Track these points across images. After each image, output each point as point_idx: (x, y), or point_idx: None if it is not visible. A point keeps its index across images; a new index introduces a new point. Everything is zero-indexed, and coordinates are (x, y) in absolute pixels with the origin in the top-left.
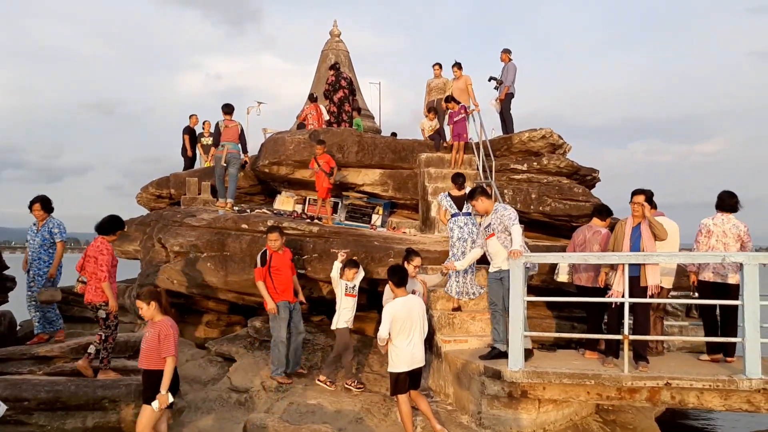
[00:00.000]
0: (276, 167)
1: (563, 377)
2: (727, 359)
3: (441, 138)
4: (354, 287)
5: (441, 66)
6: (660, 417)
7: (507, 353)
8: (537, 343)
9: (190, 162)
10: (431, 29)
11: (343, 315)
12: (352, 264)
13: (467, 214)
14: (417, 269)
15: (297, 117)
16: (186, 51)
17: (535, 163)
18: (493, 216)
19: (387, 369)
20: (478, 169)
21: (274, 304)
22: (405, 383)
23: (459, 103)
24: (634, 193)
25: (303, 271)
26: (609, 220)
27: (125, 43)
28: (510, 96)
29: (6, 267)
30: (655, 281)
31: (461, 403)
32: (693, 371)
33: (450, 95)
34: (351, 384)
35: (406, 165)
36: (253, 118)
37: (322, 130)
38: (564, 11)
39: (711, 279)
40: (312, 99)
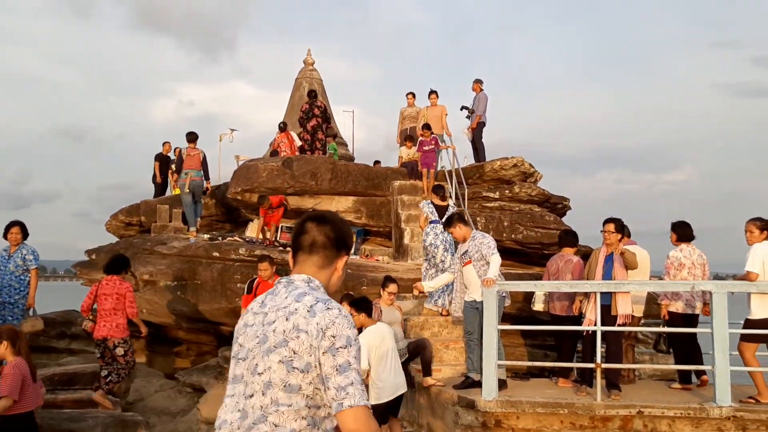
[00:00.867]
0: (248, 194)
1: (537, 406)
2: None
3: (413, 166)
4: None
5: (414, 95)
6: None
7: (481, 382)
8: (510, 372)
9: (160, 189)
10: (404, 59)
11: None
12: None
13: None
14: (393, 296)
15: (270, 144)
16: (159, 78)
17: (507, 191)
18: (471, 243)
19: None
20: (450, 197)
21: None
22: (383, 415)
23: (432, 133)
24: (605, 222)
25: None
26: (578, 246)
27: (97, 70)
28: (482, 125)
29: None
30: (626, 310)
31: None
32: (664, 399)
33: (426, 123)
34: None
35: (379, 192)
36: (226, 145)
37: (295, 157)
38: (532, 44)
39: (682, 310)
40: (282, 128)
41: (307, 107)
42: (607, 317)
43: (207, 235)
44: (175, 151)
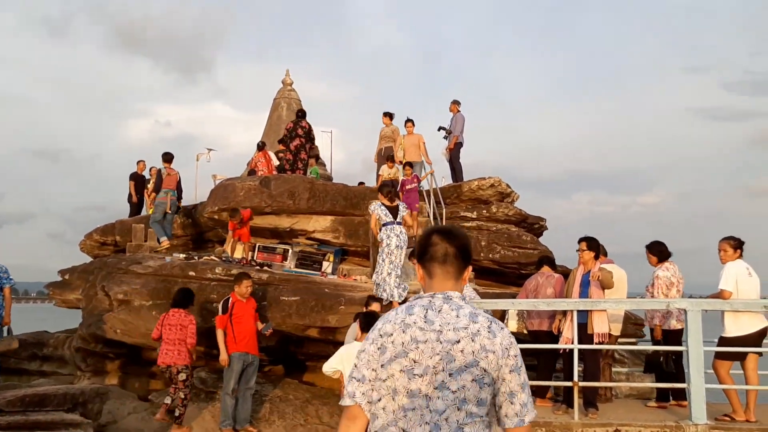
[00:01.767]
0: (225, 213)
1: None
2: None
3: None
4: None
5: (389, 115)
6: None
7: None
8: None
9: (136, 208)
10: (382, 81)
11: None
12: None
13: (399, 223)
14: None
15: (247, 164)
16: (136, 98)
17: (485, 211)
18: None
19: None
20: (428, 217)
21: (226, 356)
22: None
23: (413, 170)
24: (579, 241)
25: None
26: (556, 268)
27: (73, 90)
28: (459, 145)
29: None
30: (602, 329)
31: None
32: (641, 417)
33: (408, 162)
34: None
35: (357, 212)
36: (203, 164)
37: (273, 176)
38: (509, 66)
39: (679, 327)
40: (260, 147)
41: (291, 126)
42: (584, 336)
43: (183, 254)
44: (151, 171)
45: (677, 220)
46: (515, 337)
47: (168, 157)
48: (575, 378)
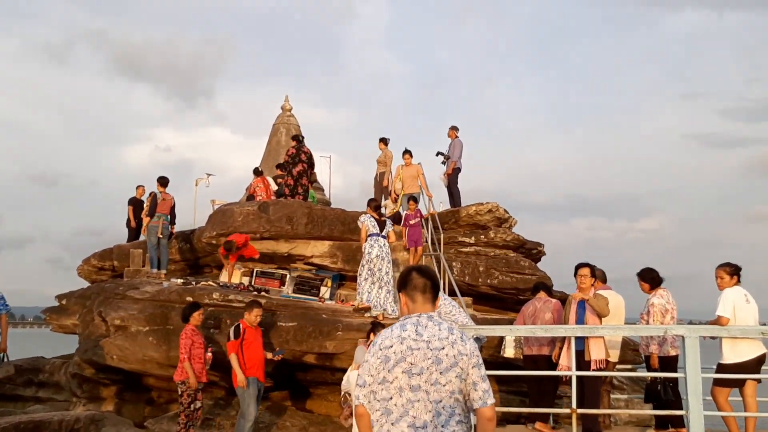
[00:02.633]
0: (224, 239)
1: None
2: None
3: (394, 222)
4: None
5: (384, 141)
6: None
7: None
8: None
9: (134, 233)
10: (380, 107)
11: None
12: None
13: (385, 236)
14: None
15: (246, 189)
16: (135, 124)
17: (483, 237)
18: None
19: None
20: (427, 242)
21: (244, 377)
22: None
23: (417, 204)
24: (578, 267)
25: None
26: (552, 292)
27: (73, 115)
28: (457, 170)
29: None
30: (599, 355)
31: None
32: None
33: (412, 195)
34: None
35: (355, 237)
36: (202, 189)
37: (271, 201)
38: (507, 93)
39: (674, 353)
40: (257, 173)
41: (294, 152)
42: (581, 362)
43: (180, 280)
44: (149, 196)
45: (675, 245)
46: (512, 364)
47: (164, 182)
48: (573, 405)
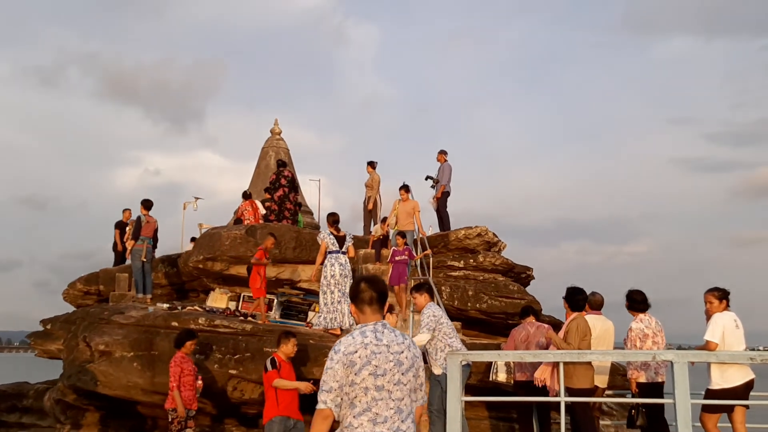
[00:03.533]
0: (211, 263)
1: None
2: None
3: (382, 247)
4: None
5: (371, 164)
6: None
7: None
8: None
9: (120, 257)
10: (370, 130)
11: None
12: None
13: (344, 252)
14: None
15: (234, 213)
16: (125, 146)
17: (472, 261)
18: (422, 314)
19: None
20: (416, 266)
21: (300, 383)
22: None
23: (406, 242)
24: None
25: (234, 372)
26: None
27: (63, 138)
28: (446, 194)
29: None
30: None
31: None
32: None
33: (401, 231)
34: None
35: None
36: (190, 213)
37: (259, 225)
38: (496, 118)
39: (651, 380)
40: (246, 196)
41: (274, 177)
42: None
43: (166, 304)
44: (133, 219)
45: (663, 269)
46: (503, 389)
47: (148, 204)
48: (562, 431)
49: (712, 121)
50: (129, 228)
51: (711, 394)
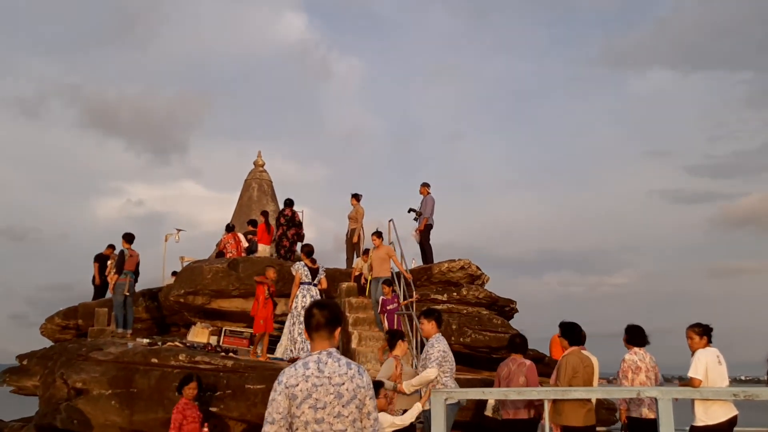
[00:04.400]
0: (192, 297)
1: None
2: None
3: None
4: None
5: (356, 196)
6: None
7: None
8: None
9: (99, 291)
10: (353, 162)
11: None
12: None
13: (316, 285)
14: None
15: (216, 245)
16: (107, 177)
17: (455, 294)
18: (427, 345)
19: None
20: (399, 299)
21: None
22: None
23: (394, 290)
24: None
25: (215, 409)
26: (528, 352)
27: (44, 169)
28: (429, 227)
29: None
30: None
31: None
32: None
33: (387, 279)
34: None
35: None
36: (172, 245)
37: (241, 258)
38: (478, 150)
39: (645, 416)
40: (229, 229)
41: (290, 214)
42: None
43: (146, 339)
44: (115, 253)
45: (646, 299)
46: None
47: (130, 238)
48: None
49: (690, 154)
50: (111, 262)
51: (695, 431)
